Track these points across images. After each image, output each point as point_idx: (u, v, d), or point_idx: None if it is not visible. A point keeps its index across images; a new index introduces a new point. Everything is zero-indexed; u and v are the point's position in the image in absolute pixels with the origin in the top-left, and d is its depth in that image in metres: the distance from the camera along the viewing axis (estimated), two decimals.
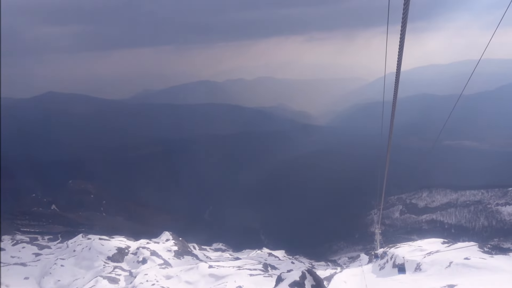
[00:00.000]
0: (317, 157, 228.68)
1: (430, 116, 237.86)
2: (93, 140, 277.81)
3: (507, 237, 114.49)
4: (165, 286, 53.31)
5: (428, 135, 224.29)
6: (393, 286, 38.32)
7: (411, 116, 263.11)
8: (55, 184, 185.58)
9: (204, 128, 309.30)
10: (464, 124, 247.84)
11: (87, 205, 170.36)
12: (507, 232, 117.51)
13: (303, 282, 21.25)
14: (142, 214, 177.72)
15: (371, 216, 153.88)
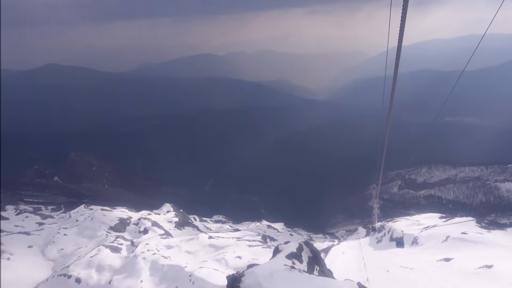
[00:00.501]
0: (317, 132, 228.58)
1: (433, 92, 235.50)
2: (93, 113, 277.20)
3: (504, 213, 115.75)
4: (166, 255, 54.25)
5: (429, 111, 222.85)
6: (390, 259, 39.05)
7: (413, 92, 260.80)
8: (56, 157, 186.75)
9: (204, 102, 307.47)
10: (467, 100, 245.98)
11: (89, 177, 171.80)
12: (504, 208, 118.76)
13: (300, 253, 21.55)
14: (144, 186, 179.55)
15: (369, 191, 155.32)
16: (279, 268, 17.71)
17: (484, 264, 26.47)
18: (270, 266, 18.10)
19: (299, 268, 19.41)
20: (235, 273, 18.86)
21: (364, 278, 29.99)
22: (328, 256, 45.06)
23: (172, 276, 48.42)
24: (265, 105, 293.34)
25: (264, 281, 15.40)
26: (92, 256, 58.64)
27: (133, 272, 51.18)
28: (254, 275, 16.29)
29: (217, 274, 44.96)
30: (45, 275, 60.71)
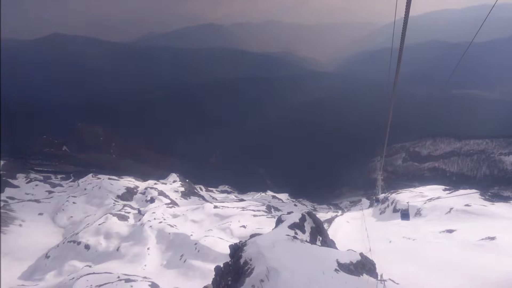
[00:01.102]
0: (324, 104, 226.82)
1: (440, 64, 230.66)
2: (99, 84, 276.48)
3: (507, 185, 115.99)
4: (172, 224, 55.38)
5: (436, 84, 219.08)
6: (392, 230, 39.42)
7: (421, 64, 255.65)
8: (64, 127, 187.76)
9: (210, 73, 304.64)
10: (475, 72, 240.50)
11: (97, 147, 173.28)
12: (508, 181, 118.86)
13: (302, 224, 21.66)
14: (150, 156, 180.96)
15: (374, 163, 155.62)
16: (281, 238, 17.90)
17: (487, 236, 26.60)
18: (272, 236, 18.30)
19: (302, 238, 19.61)
20: (237, 242, 19.13)
21: (367, 249, 30.38)
22: (332, 226, 45.57)
23: (178, 244, 49.65)
24: (271, 77, 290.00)
25: (266, 251, 15.61)
26: (100, 224, 60.06)
27: (140, 240, 52.51)
28: (256, 245, 16.50)
29: (222, 242, 45.97)
30: (56, 241, 62.51)
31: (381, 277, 17.21)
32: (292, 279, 12.37)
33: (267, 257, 14.84)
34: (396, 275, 19.65)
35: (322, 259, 15.70)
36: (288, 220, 21.76)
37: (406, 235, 34.56)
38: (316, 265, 14.73)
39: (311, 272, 13.70)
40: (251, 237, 19.47)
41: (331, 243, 24.01)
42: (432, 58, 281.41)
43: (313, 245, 18.29)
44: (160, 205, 69.00)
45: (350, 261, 16.60)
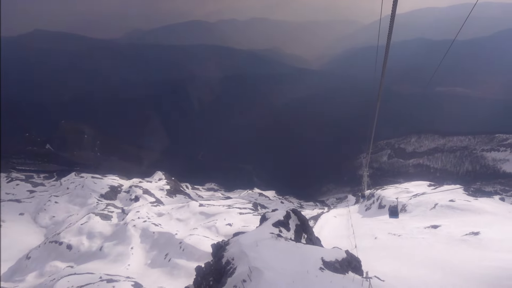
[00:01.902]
0: (310, 101, 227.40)
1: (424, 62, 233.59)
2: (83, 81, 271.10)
3: (489, 181, 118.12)
4: (157, 222, 54.51)
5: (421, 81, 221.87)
6: (378, 226, 39.48)
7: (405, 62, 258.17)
8: (47, 124, 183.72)
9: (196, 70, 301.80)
10: (458, 70, 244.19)
11: (81, 145, 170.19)
12: (490, 177, 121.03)
13: (287, 221, 21.16)
14: (136, 155, 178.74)
15: (360, 160, 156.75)
16: (264, 237, 17.45)
17: (471, 231, 26.74)
18: (256, 235, 17.83)
19: (286, 236, 19.18)
20: (220, 241, 18.63)
21: (353, 245, 30.25)
22: (318, 223, 45.49)
23: (162, 243, 48.83)
24: (257, 74, 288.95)
25: (249, 250, 15.15)
26: (82, 224, 58.73)
27: (124, 239, 51.48)
28: (239, 244, 16.03)
29: (207, 241, 45.34)
30: (37, 241, 61.03)
31: (367, 275, 16.94)
32: (275, 279, 11.91)
33: (250, 257, 14.37)
34: (381, 272, 19.45)
35: (307, 257, 15.31)
36: (273, 218, 21.26)
37: (391, 231, 34.60)
38: (301, 264, 14.32)
39: (295, 271, 13.28)
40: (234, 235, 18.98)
41: (316, 240, 23.66)
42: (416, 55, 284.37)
43: (297, 243, 17.87)
44: (144, 203, 67.93)
45: (336, 258, 16.27)
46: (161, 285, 37.86)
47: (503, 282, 16.12)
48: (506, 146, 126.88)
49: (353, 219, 46.47)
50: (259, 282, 11.78)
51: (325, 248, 20.23)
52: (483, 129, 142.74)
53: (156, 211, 61.85)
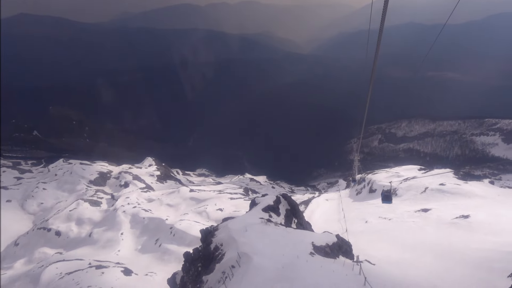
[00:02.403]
0: (301, 86, 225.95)
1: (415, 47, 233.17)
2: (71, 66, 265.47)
3: (478, 165, 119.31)
4: (147, 208, 54.06)
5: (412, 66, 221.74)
6: (368, 210, 39.55)
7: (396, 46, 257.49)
8: (35, 110, 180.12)
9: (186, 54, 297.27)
10: (449, 55, 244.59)
11: (70, 131, 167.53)
12: (478, 161, 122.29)
13: (277, 206, 20.82)
14: (126, 141, 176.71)
15: (350, 145, 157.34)
16: (254, 222, 17.10)
17: (461, 214, 26.80)
18: (245, 220, 17.48)
19: (276, 221, 18.87)
20: (209, 226, 18.25)
21: (343, 229, 30.18)
22: (309, 208, 45.46)
23: (153, 228, 48.50)
24: (248, 59, 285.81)
25: (238, 235, 14.79)
26: (71, 210, 58.06)
27: (113, 225, 51.03)
28: (227, 229, 15.65)
29: (198, 226, 45.14)
30: (25, 228, 60.26)
31: (357, 259, 16.74)
32: (264, 265, 11.58)
33: (239, 242, 14.01)
34: (372, 256, 19.30)
35: (297, 242, 15.00)
36: (262, 203, 20.89)
37: (382, 215, 34.62)
38: (291, 249, 14.01)
39: (285, 256, 12.95)
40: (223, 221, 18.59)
41: (307, 225, 23.42)
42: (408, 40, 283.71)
43: (287, 228, 17.56)
44: (134, 189, 67.27)
45: (326, 243, 16.01)
46: (152, 270, 37.63)
47: (493, 264, 16.03)
48: (495, 131, 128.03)
49: (344, 203, 46.55)
50: (247, 267, 11.43)
51: (316, 232, 19.98)
52: (473, 114, 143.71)
53: (146, 196, 61.36)
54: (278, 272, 11.13)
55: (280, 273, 11.04)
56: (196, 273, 14.33)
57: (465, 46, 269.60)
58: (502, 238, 20.29)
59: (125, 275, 33.57)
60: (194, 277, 14.31)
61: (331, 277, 11.31)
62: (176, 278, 16.16)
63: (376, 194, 46.17)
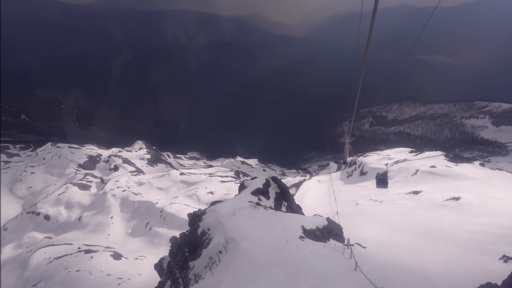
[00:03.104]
0: (293, 69, 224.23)
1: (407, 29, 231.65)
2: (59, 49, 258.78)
3: (467, 147, 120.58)
4: (137, 191, 53.53)
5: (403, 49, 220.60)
6: (359, 192, 39.54)
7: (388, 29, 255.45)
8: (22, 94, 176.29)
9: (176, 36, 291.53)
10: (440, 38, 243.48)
11: (59, 115, 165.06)
12: (468, 143, 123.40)
13: (266, 190, 20.37)
14: (117, 124, 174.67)
15: (342, 128, 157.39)
16: (242, 206, 16.69)
17: (451, 196, 26.76)
18: (234, 204, 17.05)
19: (265, 204, 18.48)
20: (196, 210, 17.79)
21: (334, 212, 30.06)
22: (299, 190, 45.34)
23: (143, 212, 48.08)
24: (239, 41, 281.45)
25: (226, 219, 14.36)
26: (60, 194, 57.28)
27: (103, 209, 50.49)
28: (215, 214, 15.22)
29: (189, 209, 44.80)
30: (14, 212, 59.52)
31: (348, 242, 16.50)
32: (252, 250, 11.18)
33: (226, 226, 13.58)
34: (363, 238, 19.11)
35: (287, 226, 14.64)
36: (252, 186, 20.40)
37: (373, 198, 34.59)
38: (280, 233, 13.64)
39: (274, 241, 12.57)
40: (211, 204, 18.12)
41: (297, 208, 23.09)
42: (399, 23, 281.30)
43: (277, 211, 17.18)
44: (124, 173, 66.49)
45: (317, 226, 15.69)
46: (142, 254, 37.38)
47: (484, 246, 15.93)
48: (484, 114, 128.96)
49: (335, 185, 46.51)
50: (235, 253, 11.01)
51: (306, 216, 19.68)
52: (463, 97, 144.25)
53: (136, 180, 60.71)
54: (267, 257, 10.74)
55: (269, 258, 10.65)
56: (183, 258, 13.93)
57: (456, 29, 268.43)
58: (493, 220, 20.23)
59: (114, 259, 33.28)
60: (181, 262, 13.94)
61: (321, 262, 10.98)
62: (163, 263, 15.76)
63: (367, 177, 46.15)
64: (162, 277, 15.82)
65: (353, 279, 9.94)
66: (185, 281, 12.52)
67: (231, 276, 9.43)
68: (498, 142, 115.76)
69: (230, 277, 9.38)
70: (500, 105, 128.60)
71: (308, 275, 9.67)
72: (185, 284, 12.40)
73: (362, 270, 10.21)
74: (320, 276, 9.75)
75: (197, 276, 11.94)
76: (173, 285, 13.87)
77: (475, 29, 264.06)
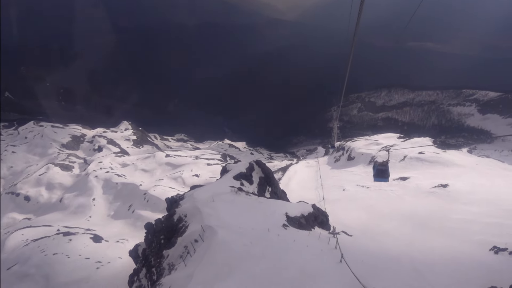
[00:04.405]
0: (282, 53, 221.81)
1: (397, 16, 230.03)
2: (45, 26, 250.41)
3: (453, 134, 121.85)
4: (120, 173, 52.29)
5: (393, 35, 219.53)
6: (346, 178, 39.03)
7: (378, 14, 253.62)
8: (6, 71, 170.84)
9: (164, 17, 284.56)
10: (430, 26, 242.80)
11: (44, 93, 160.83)
12: (454, 130, 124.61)
13: (250, 174, 19.38)
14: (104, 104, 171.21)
15: (331, 113, 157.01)
16: (223, 191, 15.78)
17: (439, 183, 26.37)
18: (214, 189, 16.10)
19: (248, 190, 17.57)
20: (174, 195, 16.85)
21: (320, 197, 29.49)
22: (286, 175, 44.70)
23: (126, 194, 46.87)
24: (229, 24, 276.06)
25: (203, 206, 13.46)
26: (41, 174, 55.70)
27: (85, 190, 49.15)
28: (193, 199, 14.29)
29: (173, 192, 43.82)
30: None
31: (334, 230, 15.84)
32: (230, 240, 10.29)
33: (204, 213, 12.66)
34: (349, 226, 18.50)
35: (269, 213, 13.82)
36: (234, 170, 19.36)
37: (359, 183, 34.10)
38: (262, 221, 12.81)
39: (255, 229, 11.74)
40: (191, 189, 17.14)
41: (282, 194, 22.23)
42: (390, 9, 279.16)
43: (260, 197, 16.31)
44: (108, 154, 64.88)
45: (301, 213, 14.94)
46: (124, 237, 36.47)
47: (473, 236, 15.45)
48: (471, 101, 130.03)
49: (322, 170, 45.96)
50: (211, 243, 10.12)
51: (291, 202, 18.90)
52: (451, 84, 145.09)
53: (121, 161, 59.31)
54: (245, 248, 9.86)
55: (247, 249, 9.77)
56: (159, 245, 13.06)
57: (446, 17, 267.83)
58: (481, 208, 19.81)
59: (94, 242, 32.30)
60: (156, 250, 13.07)
61: (305, 254, 10.21)
62: (138, 250, 14.86)
63: (355, 162, 45.68)
64: (137, 265, 14.96)
65: (338, 273, 9.21)
66: (158, 271, 11.68)
67: (203, 270, 8.56)
68: (484, 130, 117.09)
69: (202, 271, 8.50)
70: (487, 93, 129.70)
71: (290, 269, 8.87)
72: (158, 274, 11.56)
73: (348, 262, 9.49)
74: (303, 270, 8.97)
75: (171, 266, 11.09)
76: (148, 273, 13.05)
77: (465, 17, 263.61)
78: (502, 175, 27.98)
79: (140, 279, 13.72)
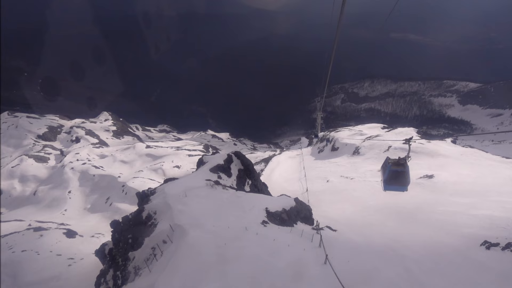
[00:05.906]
0: (265, 44, 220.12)
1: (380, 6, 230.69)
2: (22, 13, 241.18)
3: (434, 125, 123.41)
4: (98, 165, 50.38)
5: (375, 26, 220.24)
6: (330, 169, 38.29)
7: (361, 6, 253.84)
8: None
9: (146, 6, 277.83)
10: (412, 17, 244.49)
11: (22, 84, 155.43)
12: (435, 121, 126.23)
13: (228, 166, 18.13)
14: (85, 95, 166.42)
15: (314, 104, 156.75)
16: (198, 185, 14.58)
17: (425, 174, 25.85)
18: (187, 183, 14.85)
19: (226, 183, 16.39)
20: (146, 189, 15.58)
21: (304, 189, 28.65)
22: (269, 165, 43.71)
23: (103, 186, 45.06)
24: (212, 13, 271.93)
25: (175, 201, 12.24)
26: (13, 167, 53.24)
27: (61, 183, 47.11)
28: (164, 194, 13.05)
29: (153, 184, 42.33)
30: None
31: (317, 225, 14.89)
32: (201, 241, 9.16)
33: (174, 210, 11.44)
34: (334, 220, 17.64)
35: (248, 209, 12.73)
36: (211, 162, 18.03)
37: (344, 174, 33.40)
38: (239, 218, 11.71)
39: (231, 228, 10.61)
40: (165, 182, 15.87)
41: (262, 187, 21.07)
42: None
43: (238, 191, 15.14)
44: (86, 145, 62.62)
45: (283, 208, 13.90)
46: (100, 231, 34.97)
47: (462, 230, 14.75)
48: (452, 92, 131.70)
49: (306, 161, 45.19)
50: (180, 245, 8.95)
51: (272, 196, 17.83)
52: (433, 75, 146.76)
53: (99, 152, 57.22)
54: (219, 250, 8.73)
55: (221, 252, 8.64)
56: (126, 245, 11.82)
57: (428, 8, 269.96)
58: (468, 200, 19.23)
59: (67, 237, 30.72)
60: (124, 250, 11.84)
61: (285, 255, 9.17)
62: (105, 249, 13.60)
63: (339, 152, 45.06)
64: (104, 265, 13.70)
65: (322, 277, 8.20)
66: (123, 275, 10.49)
67: (167, 278, 7.41)
68: (464, 120, 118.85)
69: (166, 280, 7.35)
70: (467, 84, 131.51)
71: (268, 275, 7.81)
72: (123, 278, 10.37)
73: (333, 264, 8.49)
74: (283, 275, 7.93)
75: (137, 269, 9.93)
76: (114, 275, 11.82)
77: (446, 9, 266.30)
78: (487, 165, 27.60)
79: (107, 281, 12.50)
